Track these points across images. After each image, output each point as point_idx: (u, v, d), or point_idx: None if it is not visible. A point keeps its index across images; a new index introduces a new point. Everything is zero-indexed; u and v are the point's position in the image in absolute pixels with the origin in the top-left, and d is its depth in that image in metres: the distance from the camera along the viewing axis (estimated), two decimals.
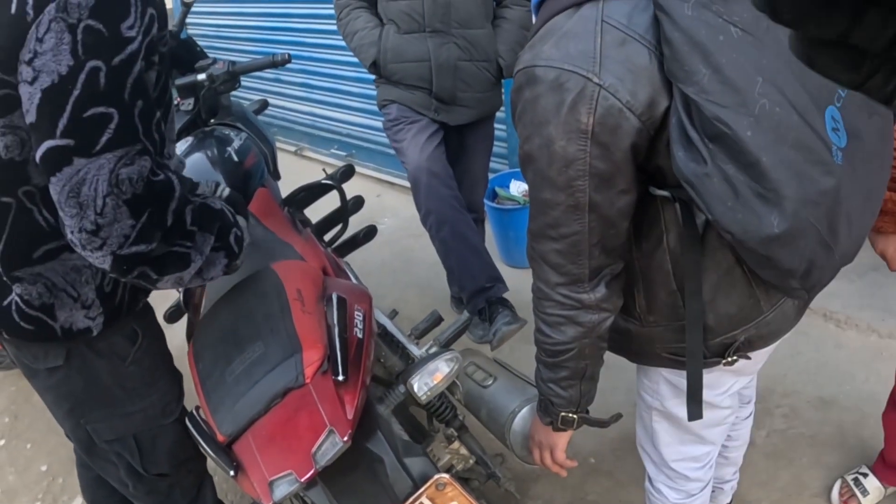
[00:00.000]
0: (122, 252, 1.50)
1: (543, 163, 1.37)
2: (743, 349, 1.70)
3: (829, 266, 1.43)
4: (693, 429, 1.96)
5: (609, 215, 1.42)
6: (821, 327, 3.79)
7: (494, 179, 4.59)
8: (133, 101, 1.48)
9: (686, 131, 1.27)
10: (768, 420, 3.28)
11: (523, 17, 3.41)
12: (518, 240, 4.46)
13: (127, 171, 1.45)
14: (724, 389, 1.88)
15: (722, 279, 1.55)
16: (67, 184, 1.43)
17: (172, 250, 1.63)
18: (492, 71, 3.46)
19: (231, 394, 1.87)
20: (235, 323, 2.06)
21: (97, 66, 1.41)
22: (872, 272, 3.98)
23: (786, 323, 1.72)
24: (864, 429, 3.15)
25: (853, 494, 2.82)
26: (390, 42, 3.38)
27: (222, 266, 1.80)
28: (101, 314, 1.81)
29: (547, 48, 1.34)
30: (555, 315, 1.59)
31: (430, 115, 3.51)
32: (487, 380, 2.32)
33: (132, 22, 1.46)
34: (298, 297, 1.99)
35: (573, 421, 1.80)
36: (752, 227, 1.28)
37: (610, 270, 1.54)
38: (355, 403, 1.76)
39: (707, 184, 1.27)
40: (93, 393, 1.96)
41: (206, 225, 1.71)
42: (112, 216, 1.45)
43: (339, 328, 1.85)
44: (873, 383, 3.37)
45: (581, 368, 1.69)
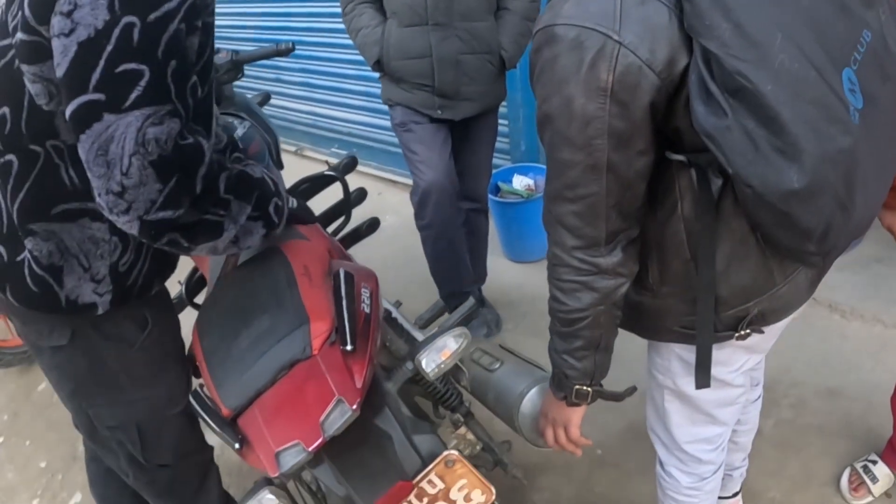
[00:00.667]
0: (148, 217, 1.47)
1: (563, 122, 1.36)
2: (756, 322, 1.69)
3: (845, 231, 1.41)
4: (705, 408, 1.94)
5: (627, 176, 1.41)
6: (826, 318, 3.77)
7: (497, 174, 4.56)
8: (166, 60, 1.46)
9: (706, 86, 1.25)
10: (776, 410, 3.26)
11: (527, 7, 3.38)
12: (521, 234, 4.50)
13: (154, 131, 1.43)
14: (737, 367, 1.87)
15: (736, 249, 1.54)
16: (96, 141, 1.41)
17: (204, 218, 1.61)
18: (495, 63, 3.42)
19: (236, 367, 1.85)
20: (241, 299, 2.05)
21: (132, 21, 1.40)
22: (876, 264, 3.97)
23: (798, 296, 1.71)
24: (871, 417, 3.14)
25: (862, 482, 2.81)
26: (393, 38, 3.35)
27: (260, 235, 1.80)
28: (109, 292, 1.78)
29: (567, 7, 1.33)
30: (570, 281, 1.56)
31: (434, 115, 3.49)
32: (494, 364, 2.30)
33: None
34: (305, 273, 1.97)
35: (587, 394, 1.77)
36: (772, 181, 1.26)
37: (626, 235, 1.52)
38: (364, 373, 1.74)
39: (728, 137, 1.25)
40: (96, 376, 1.94)
41: (243, 193, 1.71)
42: (138, 177, 1.43)
43: (348, 300, 1.83)
44: (879, 373, 3.35)
45: (596, 338, 1.66)
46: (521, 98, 4.60)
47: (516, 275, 4.41)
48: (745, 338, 1.70)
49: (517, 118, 4.70)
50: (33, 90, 1.55)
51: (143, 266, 1.84)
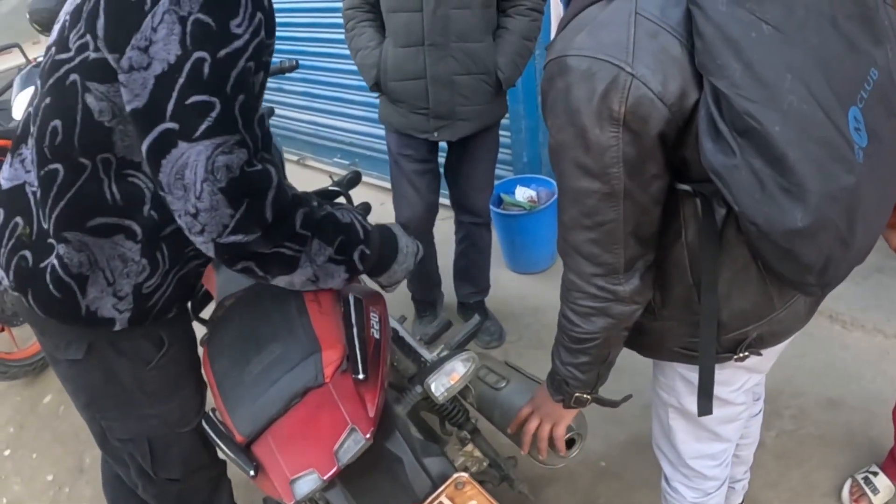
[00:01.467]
0: (221, 241, 1.57)
1: (578, 151, 1.37)
2: (755, 346, 1.72)
3: (845, 263, 1.43)
4: (709, 426, 1.97)
5: (642, 201, 1.42)
6: (827, 329, 3.79)
7: (500, 186, 4.58)
8: (235, 94, 1.53)
9: (715, 124, 1.27)
10: (777, 421, 3.28)
11: (526, 27, 3.37)
12: (524, 246, 4.52)
13: (223, 160, 1.51)
14: (738, 386, 1.90)
15: (737, 275, 1.57)
16: (174, 166, 1.50)
17: (279, 251, 1.68)
18: (491, 83, 3.41)
19: (249, 394, 1.87)
20: (252, 325, 2.06)
21: (202, 56, 1.47)
22: (878, 274, 3.99)
23: (797, 321, 1.75)
24: (872, 428, 3.16)
25: (864, 493, 2.82)
26: (390, 59, 3.36)
27: (341, 280, 1.86)
28: (129, 310, 1.80)
29: (580, 38, 1.34)
30: (586, 307, 1.59)
31: (431, 138, 3.51)
32: (500, 382, 2.32)
33: (240, 21, 1.52)
34: (315, 299, 1.99)
35: (586, 401, 1.84)
36: (777, 220, 1.28)
37: (644, 262, 1.54)
38: (376, 402, 1.76)
39: (735, 175, 1.27)
40: (111, 390, 1.97)
41: (325, 235, 1.77)
42: (209, 202, 1.51)
43: (358, 328, 1.85)
44: (880, 383, 3.38)
45: (604, 355, 1.71)
46: (524, 110, 4.60)
47: (519, 286, 4.43)
48: (744, 360, 1.73)
49: (519, 130, 4.70)
50: (98, 107, 1.60)
51: (167, 292, 1.86)
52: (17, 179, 1.80)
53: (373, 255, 1.92)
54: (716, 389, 1.81)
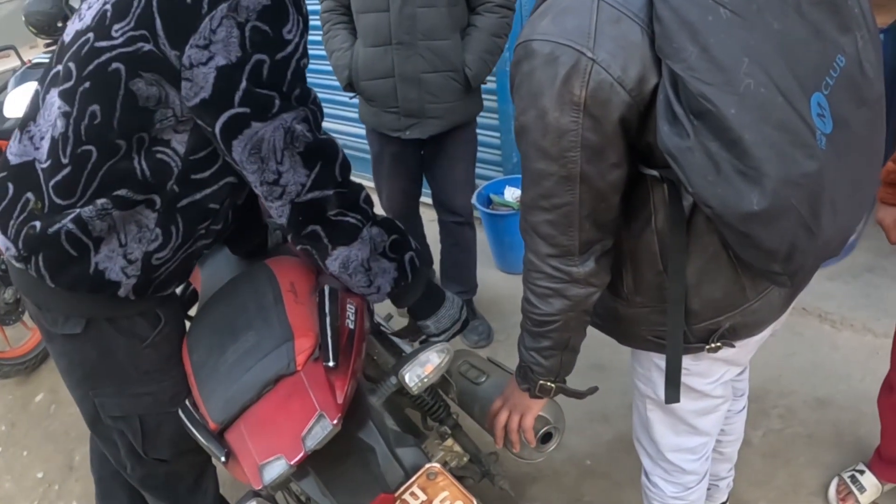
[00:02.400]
0: (299, 199, 1.77)
1: (538, 133, 1.39)
2: (727, 336, 1.72)
3: (812, 252, 1.44)
4: (687, 418, 1.98)
5: (600, 188, 1.44)
6: (816, 328, 3.79)
7: (489, 186, 4.61)
8: (291, 89, 1.72)
9: (672, 106, 1.28)
10: (765, 420, 3.28)
11: (495, 24, 3.39)
12: (512, 245, 4.49)
13: (300, 128, 1.72)
14: (716, 378, 1.90)
15: (708, 264, 1.58)
16: (249, 143, 1.69)
17: (344, 219, 1.83)
18: (459, 80, 3.43)
19: (223, 382, 1.88)
20: (229, 315, 2.08)
21: (262, 58, 1.65)
22: (867, 273, 3.99)
23: (771, 313, 1.75)
24: (860, 427, 3.16)
25: (850, 492, 2.83)
26: (360, 58, 3.44)
27: (391, 279, 1.96)
28: (135, 277, 1.85)
29: (545, 23, 1.36)
30: (543, 287, 1.61)
31: (403, 136, 3.56)
32: (480, 377, 2.33)
33: (290, 27, 1.69)
34: (292, 289, 2.00)
35: (551, 389, 1.84)
36: (732, 202, 1.29)
37: (600, 246, 1.56)
38: (345, 389, 1.77)
39: (689, 157, 1.28)
40: (106, 366, 2.01)
41: (383, 225, 1.93)
42: (289, 165, 1.73)
43: (331, 317, 1.86)
44: (869, 382, 3.36)
45: (564, 339, 1.73)
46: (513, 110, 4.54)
47: (508, 286, 4.42)
48: (716, 350, 1.74)
49: (508, 130, 4.67)
50: (146, 93, 1.69)
51: (171, 266, 1.92)
52: (26, 156, 1.86)
53: (423, 268, 2.06)
54: (693, 381, 1.84)
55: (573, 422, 2.24)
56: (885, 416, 2.70)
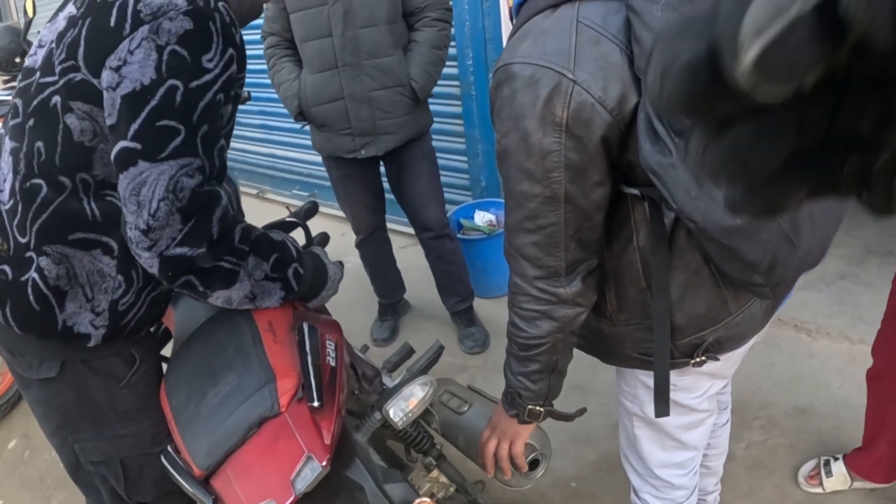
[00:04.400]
0: (167, 253, 1.67)
1: (521, 155, 1.42)
2: (712, 350, 1.75)
3: (793, 263, 1.48)
4: (674, 433, 2.00)
5: (584, 207, 1.46)
6: (793, 338, 3.84)
7: (459, 211, 4.65)
8: (200, 124, 1.65)
9: (653, 125, 1.31)
10: (747, 433, 3.31)
11: (434, 37, 3.54)
12: (486, 270, 4.54)
13: (185, 181, 1.64)
14: (702, 392, 1.92)
15: (690, 279, 1.61)
16: (131, 182, 1.62)
17: (219, 265, 1.76)
18: (407, 94, 3.58)
19: (206, 427, 1.87)
20: (208, 357, 2.06)
21: (176, 84, 1.60)
22: (841, 280, 4.04)
23: (754, 325, 1.77)
24: (842, 434, 3.20)
25: (818, 474, 2.97)
26: (308, 86, 3.58)
27: (278, 298, 1.94)
28: (104, 327, 1.85)
29: (525, 46, 1.39)
30: (530, 310, 1.63)
31: (359, 156, 3.69)
32: (462, 406, 2.33)
33: (212, 56, 1.64)
34: (269, 328, 2.00)
35: (539, 414, 1.85)
36: (715, 216, 1.32)
37: (586, 266, 1.59)
38: (332, 429, 1.77)
39: (672, 174, 1.31)
40: (84, 410, 1.99)
41: (260, 251, 1.86)
42: (164, 220, 1.63)
43: (313, 356, 1.86)
44: (848, 389, 3.42)
45: (552, 362, 1.74)
46: (479, 134, 4.66)
47: (484, 311, 4.44)
48: (701, 364, 1.76)
49: (476, 154, 4.76)
50: (79, 126, 1.69)
51: (140, 311, 1.91)
52: None
53: (307, 275, 2.02)
54: (679, 396, 1.87)
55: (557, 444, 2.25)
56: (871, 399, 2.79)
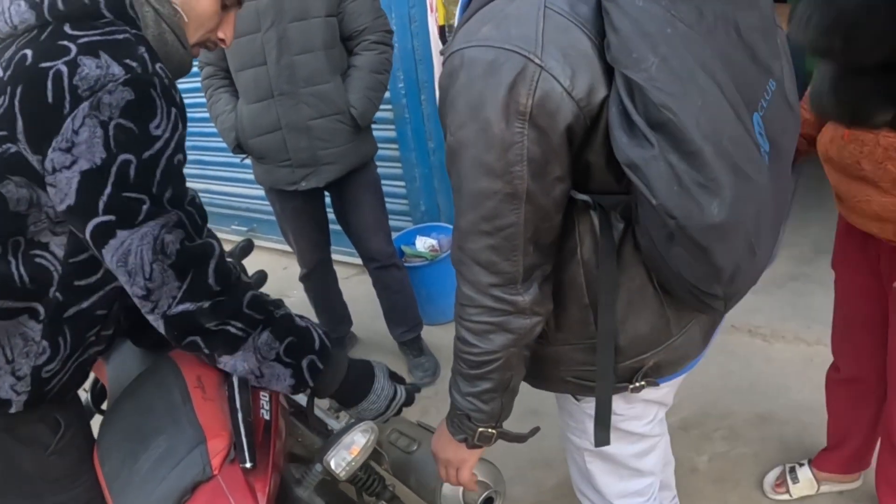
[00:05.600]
0: (170, 312, 1.65)
1: (480, 148, 1.34)
2: (651, 374, 1.70)
3: (750, 275, 1.47)
4: (629, 463, 1.95)
5: (545, 205, 1.39)
6: (748, 344, 3.84)
7: (400, 238, 4.60)
8: (162, 191, 1.61)
9: (630, 116, 1.26)
10: (709, 445, 3.30)
11: (374, 61, 3.47)
12: (430, 297, 4.51)
13: (170, 237, 1.61)
14: (651, 418, 1.89)
15: (634, 297, 1.56)
16: (115, 254, 1.59)
17: (225, 328, 1.72)
18: (347, 122, 3.49)
19: (140, 494, 1.80)
20: (138, 418, 2.00)
21: (128, 158, 1.56)
22: (791, 282, 4.05)
23: (693, 348, 1.73)
24: (805, 438, 3.20)
25: (784, 481, 2.98)
26: (245, 117, 3.49)
27: (287, 386, 1.85)
28: (26, 392, 1.78)
29: (486, 30, 1.31)
30: (483, 322, 1.53)
31: (300, 188, 3.61)
32: (412, 446, 2.28)
33: (159, 121, 1.59)
34: (199, 384, 1.93)
35: (491, 436, 1.73)
36: (695, 213, 1.28)
37: (541, 272, 1.50)
38: (267, 490, 1.71)
39: (654, 166, 1.26)
40: (13, 480, 1.93)
41: (277, 330, 1.80)
42: (160, 280, 1.61)
43: (243, 412, 1.80)
44: (808, 392, 3.40)
45: (506, 380, 1.63)
46: (416, 158, 4.63)
47: (433, 338, 4.39)
48: (639, 390, 1.70)
49: (413, 178, 4.73)
50: (16, 195, 1.63)
51: (64, 378, 1.85)
52: None
53: (327, 373, 1.91)
54: (630, 425, 1.83)
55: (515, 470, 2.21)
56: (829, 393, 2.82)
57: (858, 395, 2.67)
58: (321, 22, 3.32)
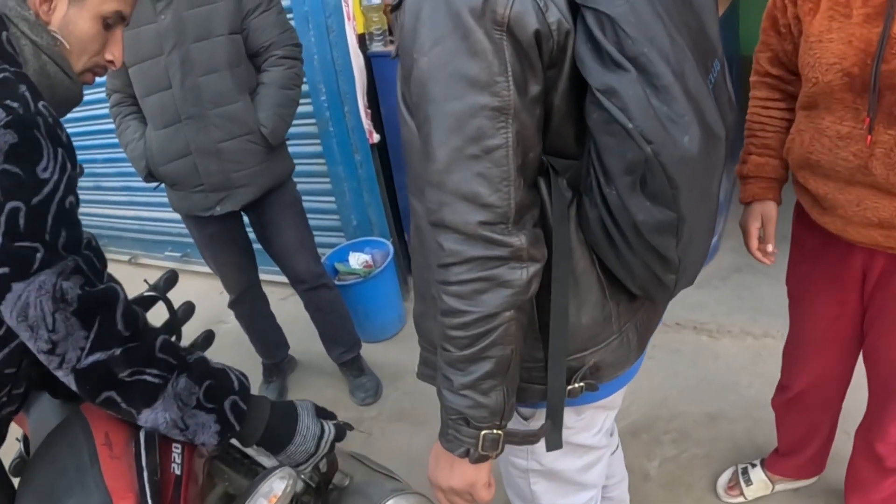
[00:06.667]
0: (80, 366, 1.55)
1: (461, 60, 1.28)
2: (590, 376, 1.62)
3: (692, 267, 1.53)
4: (575, 477, 1.91)
5: (530, 127, 1.34)
6: (694, 342, 3.83)
7: (333, 255, 4.56)
8: (55, 235, 1.54)
9: (602, 46, 1.26)
10: (658, 449, 3.28)
11: (282, 76, 3.39)
12: (367, 314, 4.48)
13: (68, 285, 1.51)
14: (598, 428, 1.85)
15: (577, 284, 1.51)
16: (14, 309, 1.50)
17: (141, 378, 1.64)
18: (258, 142, 3.41)
19: None
20: (50, 479, 1.94)
21: (17, 206, 1.49)
22: (736, 274, 4.05)
23: (630, 353, 1.68)
24: (757, 436, 3.19)
25: (737, 483, 2.97)
26: (154, 144, 3.40)
27: (213, 432, 1.76)
28: None
29: None
30: (472, 280, 1.35)
31: (215, 214, 3.53)
32: (344, 480, 2.22)
33: (46, 163, 1.53)
34: (106, 442, 1.87)
35: (498, 440, 1.50)
36: (669, 143, 1.28)
37: (531, 216, 1.40)
38: None
39: (631, 89, 1.25)
40: None
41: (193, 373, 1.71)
42: (65, 331, 1.51)
43: (150, 471, 1.73)
44: (758, 387, 3.40)
45: (507, 358, 1.42)
46: (343, 171, 4.57)
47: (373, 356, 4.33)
48: (578, 393, 1.60)
49: (343, 193, 4.66)
50: None
51: None
52: None
53: (251, 415, 1.84)
54: (579, 438, 1.78)
55: None
56: (780, 415, 2.78)
57: (816, 405, 2.65)
58: (225, 40, 3.25)
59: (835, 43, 1.84)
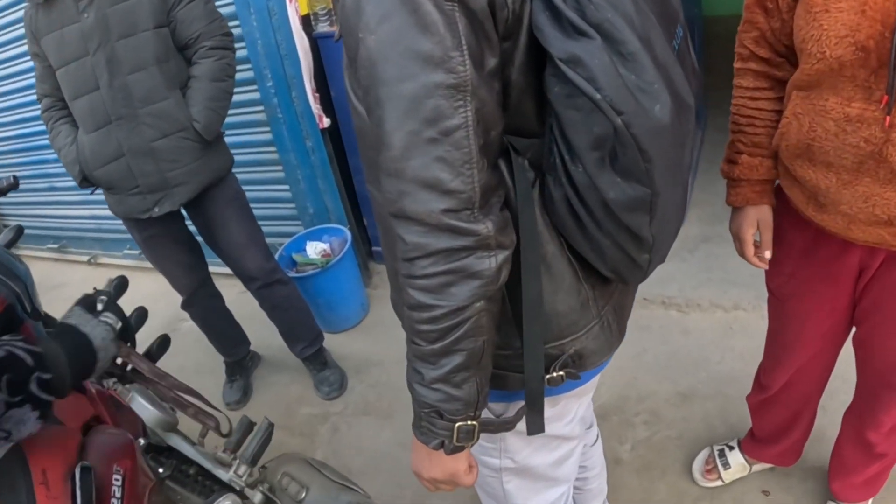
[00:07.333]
0: None
1: (412, 36, 1.20)
2: (571, 365, 1.56)
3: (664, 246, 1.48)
4: (548, 473, 1.87)
5: (489, 103, 1.27)
6: (662, 317, 3.79)
7: (290, 245, 4.50)
8: None
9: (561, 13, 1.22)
10: (630, 432, 3.23)
11: (212, 68, 3.31)
12: (329, 305, 4.44)
13: None
14: (571, 417, 1.80)
15: (550, 267, 1.46)
16: None
17: None
18: (193, 138, 3.34)
19: None
20: None
21: None
22: (704, 244, 4.00)
23: (612, 338, 1.63)
24: (730, 415, 3.15)
25: (714, 467, 2.92)
26: (86, 148, 3.32)
27: (35, 418, 1.65)
28: None
29: None
30: (439, 274, 1.30)
31: (153, 215, 3.45)
32: (301, 492, 2.20)
33: None
34: (43, 480, 1.82)
35: (472, 430, 1.47)
36: (640, 113, 1.23)
37: (498, 197, 1.34)
38: None
39: (598, 57, 1.21)
40: None
41: None
42: None
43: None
44: (729, 361, 3.37)
45: (478, 350, 1.38)
46: (296, 159, 4.51)
47: (337, 347, 4.28)
48: (559, 382, 1.55)
49: (297, 181, 4.60)
50: None
51: None
52: None
53: (60, 372, 1.71)
54: (552, 428, 1.73)
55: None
56: (756, 411, 2.74)
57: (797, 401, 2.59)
58: (151, 35, 3.17)
59: (845, 13, 1.62)
